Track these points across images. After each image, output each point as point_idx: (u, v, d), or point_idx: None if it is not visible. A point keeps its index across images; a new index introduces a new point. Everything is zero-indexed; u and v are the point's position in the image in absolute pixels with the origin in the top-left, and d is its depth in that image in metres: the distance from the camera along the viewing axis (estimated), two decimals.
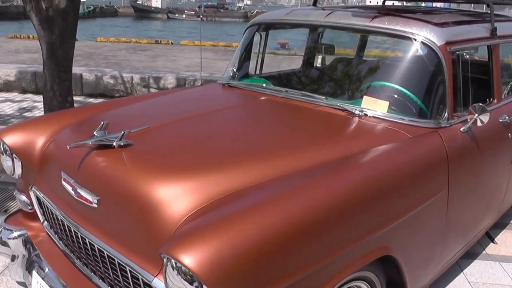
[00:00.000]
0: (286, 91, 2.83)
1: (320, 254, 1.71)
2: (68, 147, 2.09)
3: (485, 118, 2.56)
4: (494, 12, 4.19)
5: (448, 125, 2.57)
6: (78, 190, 2.03)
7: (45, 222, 2.43)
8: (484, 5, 3.50)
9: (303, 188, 1.81)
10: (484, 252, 3.46)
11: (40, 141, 2.48)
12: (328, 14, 2.90)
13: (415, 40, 2.60)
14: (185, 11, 59.16)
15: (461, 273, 3.15)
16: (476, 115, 2.55)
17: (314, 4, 3.69)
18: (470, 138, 2.65)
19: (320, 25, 3.01)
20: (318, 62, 3.13)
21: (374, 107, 2.54)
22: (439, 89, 2.59)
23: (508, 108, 3.23)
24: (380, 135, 2.37)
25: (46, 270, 2.23)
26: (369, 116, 2.51)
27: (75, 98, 5.21)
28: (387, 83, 2.66)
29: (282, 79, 3.33)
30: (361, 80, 2.90)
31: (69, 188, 2.09)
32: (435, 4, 6.84)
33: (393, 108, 2.54)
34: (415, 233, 2.25)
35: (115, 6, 60.89)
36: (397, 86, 2.63)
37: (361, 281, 2.05)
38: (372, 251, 1.95)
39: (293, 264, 1.63)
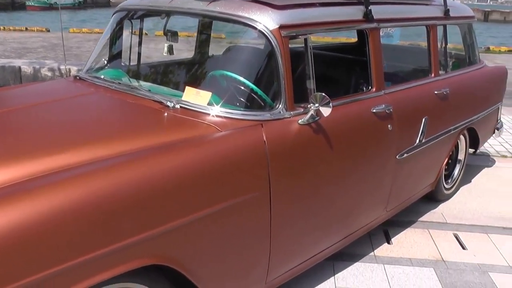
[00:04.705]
0: (119, 83, 2.64)
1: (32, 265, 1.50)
2: None
3: (327, 109, 2.31)
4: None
5: (285, 117, 2.32)
6: None
7: None
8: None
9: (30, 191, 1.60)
10: (372, 253, 3.21)
11: None
12: None
13: (247, 24, 2.36)
14: None
15: (332, 277, 2.90)
16: (316, 105, 2.30)
17: None
18: (314, 131, 2.39)
19: (163, 10, 2.77)
20: (165, 51, 2.90)
21: (195, 99, 2.30)
22: (273, 77, 2.34)
23: (391, 98, 2.97)
24: (182, 129, 2.13)
25: None
26: (184, 109, 2.27)
27: None
28: (218, 72, 2.44)
29: (140, 71, 3.10)
30: (196, 70, 2.69)
31: None
32: None
33: (219, 99, 2.31)
34: (213, 239, 2.00)
35: None
36: (230, 76, 2.41)
37: None
38: (128, 261, 1.71)
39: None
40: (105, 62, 3.02)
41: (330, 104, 2.30)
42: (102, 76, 2.78)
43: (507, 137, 5.86)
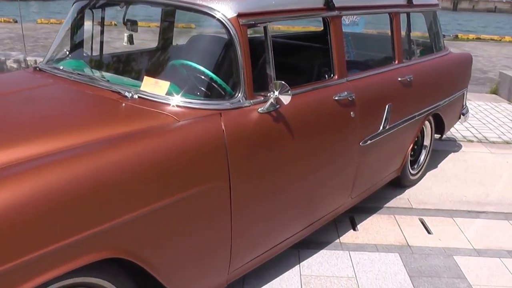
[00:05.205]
0: (78, 74, 2.58)
1: None
2: None
3: (286, 97, 2.30)
4: None
5: (244, 106, 2.31)
6: None
7: None
8: None
9: None
10: (337, 240, 3.23)
11: None
12: None
13: (206, 13, 2.33)
14: None
15: (297, 265, 2.90)
16: (276, 93, 2.30)
17: None
18: (274, 119, 2.38)
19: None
20: (124, 40, 2.86)
21: (153, 89, 2.27)
22: (232, 66, 2.32)
23: (354, 85, 2.97)
24: (139, 120, 2.09)
25: None
26: (143, 99, 2.24)
27: None
28: (178, 62, 2.43)
29: (102, 61, 3.05)
30: (157, 60, 2.67)
31: None
32: None
33: (178, 89, 2.28)
34: (171, 231, 1.98)
35: None
36: (190, 65, 2.39)
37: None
38: (83, 255, 1.68)
39: None
40: (67, 52, 2.95)
41: (290, 92, 2.30)
42: (62, 67, 2.72)
43: (474, 122, 5.95)
